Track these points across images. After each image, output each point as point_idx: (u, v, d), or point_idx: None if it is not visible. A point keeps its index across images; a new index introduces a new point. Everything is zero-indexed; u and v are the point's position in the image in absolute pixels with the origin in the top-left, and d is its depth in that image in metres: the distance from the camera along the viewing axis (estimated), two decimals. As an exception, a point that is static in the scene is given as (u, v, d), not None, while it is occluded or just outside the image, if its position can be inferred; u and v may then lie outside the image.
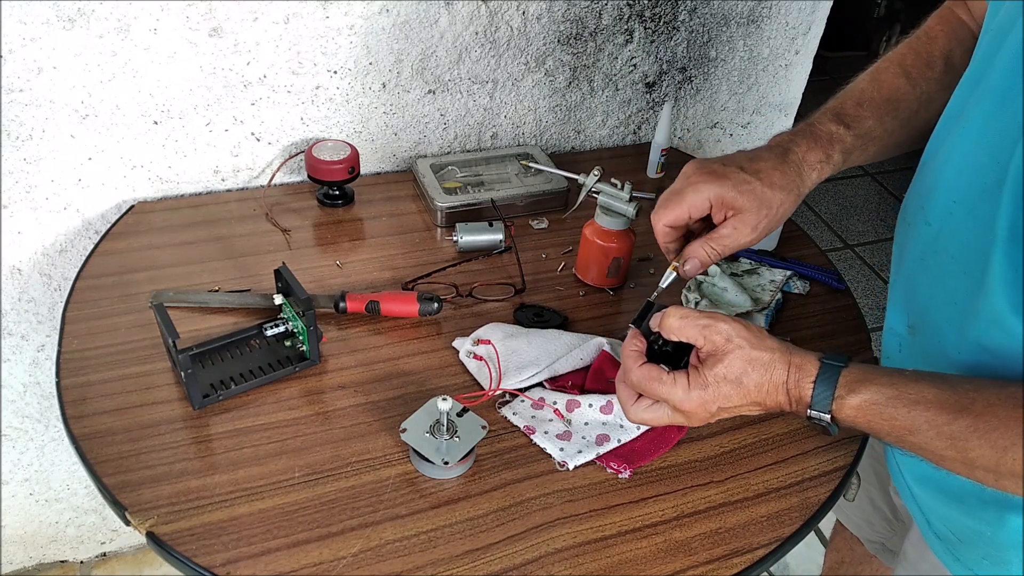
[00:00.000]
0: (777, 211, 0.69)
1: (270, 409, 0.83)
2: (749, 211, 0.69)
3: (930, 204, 0.68)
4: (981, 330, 0.62)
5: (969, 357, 0.64)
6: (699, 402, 0.64)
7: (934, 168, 0.69)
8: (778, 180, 0.69)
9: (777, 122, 1.57)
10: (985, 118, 0.62)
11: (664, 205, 0.71)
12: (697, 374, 0.65)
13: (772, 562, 0.75)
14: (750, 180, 0.69)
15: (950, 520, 0.73)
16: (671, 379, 0.65)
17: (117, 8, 0.98)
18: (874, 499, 1.03)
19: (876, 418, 0.59)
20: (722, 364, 0.63)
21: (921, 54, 0.77)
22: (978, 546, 0.71)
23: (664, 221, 0.71)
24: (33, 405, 1.28)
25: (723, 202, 0.69)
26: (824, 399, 0.61)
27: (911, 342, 0.74)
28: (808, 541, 1.41)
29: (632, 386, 0.68)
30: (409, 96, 1.21)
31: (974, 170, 0.62)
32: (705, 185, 0.69)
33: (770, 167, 0.70)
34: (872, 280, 2.57)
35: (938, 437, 0.56)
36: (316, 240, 1.09)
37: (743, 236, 0.70)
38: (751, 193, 0.68)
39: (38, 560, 1.49)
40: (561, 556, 0.72)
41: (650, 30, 1.31)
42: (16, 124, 1.02)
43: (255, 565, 0.69)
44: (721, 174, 0.69)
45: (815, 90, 1.55)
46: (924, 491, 0.77)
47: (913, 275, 0.72)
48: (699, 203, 0.69)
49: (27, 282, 1.15)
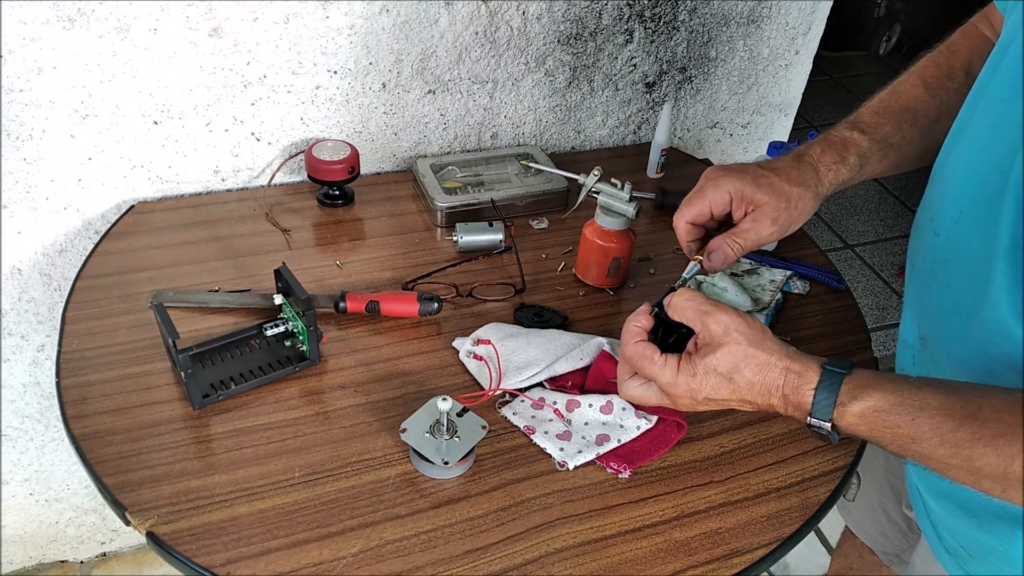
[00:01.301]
0: (795, 205, 0.71)
1: (270, 409, 0.83)
2: (768, 204, 0.70)
3: (939, 215, 0.69)
4: (989, 340, 0.62)
5: (978, 367, 0.64)
6: (686, 388, 0.64)
7: (943, 179, 0.69)
8: (795, 176, 0.71)
9: (777, 122, 1.57)
10: (989, 129, 0.62)
11: (686, 203, 0.73)
12: (688, 360, 0.64)
13: (772, 562, 0.75)
14: (768, 175, 0.71)
15: (963, 535, 0.73)
16: (662, 360, 0.65)
17: (117, 8, 0.98)
18: (890, 512, 1.02)
19: (879, 426, 0.58)
20: (714, 356, 0.63)
21: (942, 66, 0.78)
22: (990, 561, 0.70)
23: (686, 218, 0.73)
24: (33, 405, 1.28)
25: (742, 196, 0.71)
26: (825, 407, 0.60)
27: (923, 354, 0.74)
28: (808, 541, 1.41)
29: (625, 360, 0.69)
30: (409, 96, 1.21)
31: (978, 180, 0.63)
32: (725, 180, 0.71)
33: (787, 165, 0.72)
34: (872, 280, 2.57)
35: (942, 445, 0.55)
36: (316, 240, 1.09)
37: (764, 229, 0.71)
38: (769, 187, 0.70)
39: (38, 560, 1.49)
40: (561, 556, 0.72)
41: (650, 30, 1.31)
42: (16, 124, 1.02)
43: (255, 565, 0.69)
44: (740, 170, 0.72)
45: (815, 90, 1.56)
46: (940, 505, 0.76)
47: (924, 286, 0.72)
48: (719, 198, 0.72)
49: (27, 282, 1.15)
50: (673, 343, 0.70)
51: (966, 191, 0.65)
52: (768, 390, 0.62)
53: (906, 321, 0.78)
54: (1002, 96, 0.61)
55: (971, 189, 0.64)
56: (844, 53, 3.49)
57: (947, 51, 0.79)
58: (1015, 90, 0.59)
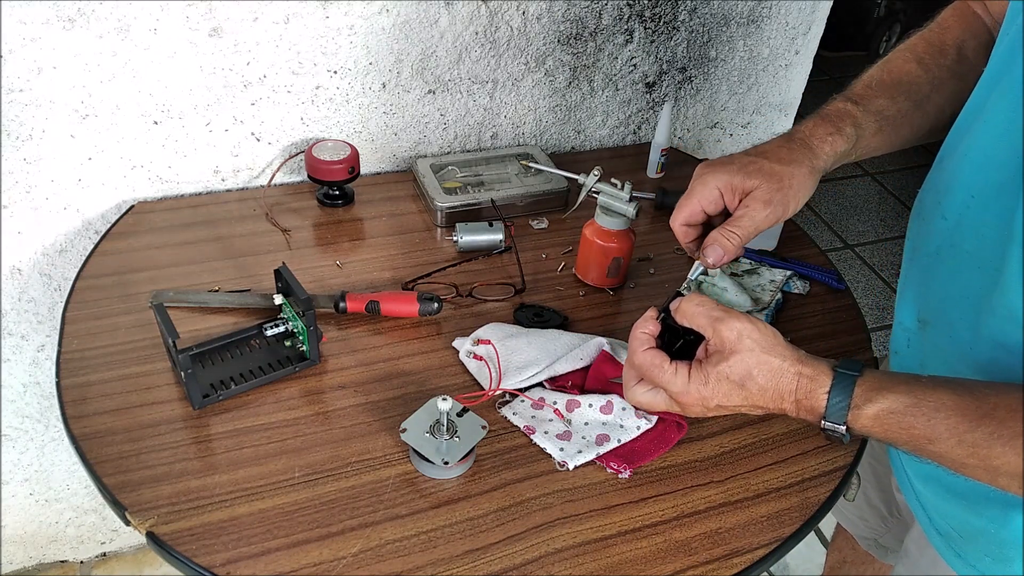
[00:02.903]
0: (789, 183, 0.69)
1: (270, 409, 0.83)
2: (759, 188, 0.68)
3: (947, 199, 0.68)
4: (997, 326, 0.62)
5: (984, 353, 0.64)
6: (697, 397, 0.64)
7: (952, 164, 0.68)
8: (784, 155, 0.69)
9: (777, 122, 1.57)
10: (1007, 114, 0.61)
11: (678, 206, 0.71)
12: (700, 368, 0.64)
13: (772, 562, 0.75)
14: (756, 160, 0.69)
15: (953, 517, 0.73)
16: (672, 368, 0.65)
17: (117, 8, 0.98)
18: (870, 497, 1.03)
19: (894, 427, 0.58)
20: (727, 363, 0.63)
21: (933, 42, 0.77)
22: (981, 543, 0.70)
23: (679, 220, 0.71)
24: (33, 405, 1.28)
25: (732, 187, 0.69)
26: (840, 410, 0.60)
27: (920, 337, 0.74)
28: (808, 541, 1.41)
29: (635, 368, 0.68)
30: (409, 96, 1.21)
31: (993, 166, 0.62)
32: (711, 175, 0.69)
33: (776, 146, 0.70)
34: (872, 280, 2.57)
35: (960, 445, 0.55)
36: (316, 240, 1.09)
37: (758, 213, 0.69)
38: (758, 171, 0.68)
39: (38, 560, 1.49)
40: (561, 556, 0.72)
41: (650, 30, 1.31)
42: (16, 124, 1.02)
43: (255, 565, 0.69)
44: (726, 162, 0.70)
45: (815, 90, 1.55)
46: (928, 488, 0.77)
47: (927, 269, 0.72)
48: (708, 194, 0.70)
49: (27, 282, 1.15)
50: (680, 349, 0.69)
51: (979, 176, 0.64)
52: (781, 395, 0.62)
53: (904, 304, 0.77)
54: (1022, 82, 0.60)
55: (984, 175, 0.63)
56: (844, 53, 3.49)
57: (938, 28, 0.78)
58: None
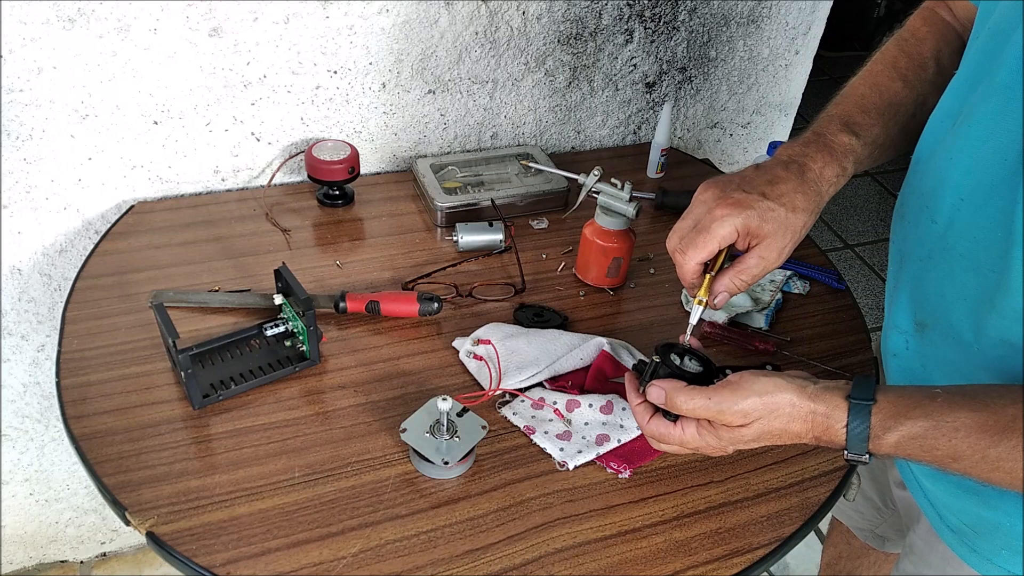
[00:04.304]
0: (800, 233, 0.69)
1: (270, 409, 0.83)
2: (775, 237, 0.67)
3: (935, 202, 0.68)
4: (1003, 326, 0.62)
5: (991, 352, 0.65)
6: (715, 445, 0.67)
7: (936, 166, 0.69)
8: (800, 203, 0.68)
9: (777, 122, 1.57)
10: (992, 116, 0.62)
11: (693, 243, 0.68)
12: (711, 427, 0.66)
13: (772, 562, 0.75)
14: (774, 208, 0.67)
15: (965, 513, 0.73)
16: (680, 430, 0.68)
17: (117, 8, 0.98)
18: (864, 489, 1.04)
19: (916, 450, 0.59)
20: (739, 432, 0.65)
21: (913, 56, 0.77)
22: (996, 537, 0.71)
23: (697, 260, 0.69)
24: (33, 405, 1.28)
25: (748, 231, 0.67)
26: (860, 442, 0.61)
27: (919, 339, 0.74)
28: (808, 541, 1.41)
29: (649, 438, 0.71)
30: (409, 96, 1.21)
31: (982, 168, 0.63)
32: (731, 217, 0.67)
33: (791, 189, 0.68)
34: (872, 280, 2.57)
35: (983, 461, 0.57)
36: (316, 240, 1.09)
37: (771, 264, 0.69)
38: (776, 220, 0.67)
39: (38, 560, 1.49)
40: (561, 556, 0.72)
41: (650, 30, 1.31)
42: (16, 124, 1.02)
43: (255, 565, 0.69)
44: (745, 203, 0.67)
45: (815, 90, 1.55)
46: (936, 486, 0.77)
47: (920, 273, 0.72)
48: (727, 235, 0.67)
49: (27, 282, 1.15)
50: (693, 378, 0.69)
51: (968, 179, 0.64)
52: (798, 435, 0.64)
53: (898, 307, 0.77)
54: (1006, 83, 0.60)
55: (974, 177, 0.64)
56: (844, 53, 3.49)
57: (913, 39, 0.78)
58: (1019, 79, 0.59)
